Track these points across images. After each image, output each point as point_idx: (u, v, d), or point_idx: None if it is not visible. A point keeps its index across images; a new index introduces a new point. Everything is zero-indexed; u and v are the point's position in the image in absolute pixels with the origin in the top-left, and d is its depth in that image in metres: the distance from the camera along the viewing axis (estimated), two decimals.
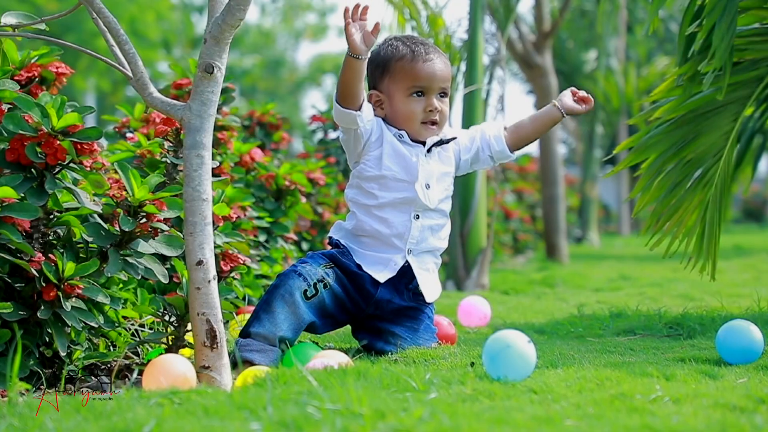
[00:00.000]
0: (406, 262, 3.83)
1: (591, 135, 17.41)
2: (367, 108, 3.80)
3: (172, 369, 3.01)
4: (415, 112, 3.86)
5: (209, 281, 3.09)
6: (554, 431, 2.33)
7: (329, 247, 3.95)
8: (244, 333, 3.58)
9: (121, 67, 3.23)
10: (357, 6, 3.64)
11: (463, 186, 7.57)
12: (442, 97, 3.91)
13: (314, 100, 43.59)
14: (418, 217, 3.84)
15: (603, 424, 2.39)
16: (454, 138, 3.97)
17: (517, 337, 3.03)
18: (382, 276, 3.80)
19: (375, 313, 3.84)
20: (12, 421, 2.40)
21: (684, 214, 4.95)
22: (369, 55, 3.70)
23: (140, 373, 3.37)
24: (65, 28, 25.16)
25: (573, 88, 4.06)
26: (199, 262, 3.08)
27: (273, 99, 32.36)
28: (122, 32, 3.20)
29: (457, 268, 7.57)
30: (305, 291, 3.65)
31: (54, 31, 24.23)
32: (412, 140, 3.87)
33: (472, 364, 3.36)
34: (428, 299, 3.88)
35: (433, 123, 3.89)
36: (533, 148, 15.35)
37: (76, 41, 23.96)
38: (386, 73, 3.89)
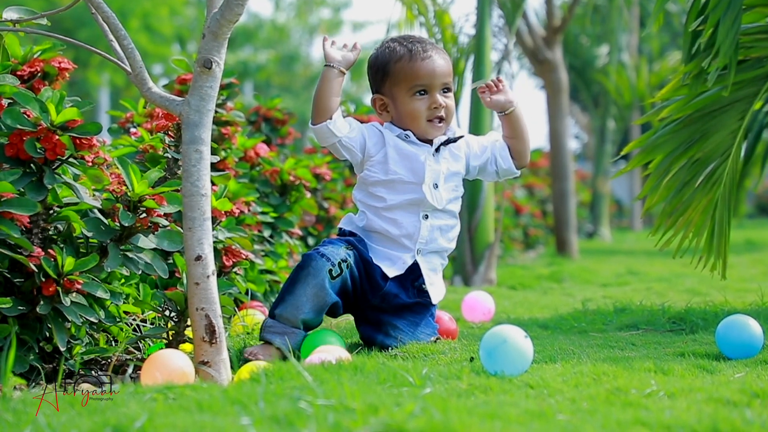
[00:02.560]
0: (415, 261, 3.84)
1: (603, 130, 17.36)
2: (342, 120, 3.81)
3: (170, 364, 3.01)
4: (420, 111, 3.85)
5: (208, 276, 3.09)
6: (546, 426, 2.33)
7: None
8: (271, 313, 3.65)
9: (120, 63, 3.24)
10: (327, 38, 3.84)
11: (471, 182, 7.56)
12: (445, 92, 3.90)
13: None
14: (427, 217, 3.84)
15: (595, 419, 2.39)
16: (461, 137, 3.95)
17: (514, 333, 3.03)
18: (391, 271, 3.82)
19: (380, 305, 3.84)
20: (5, 416, 2.40)
21: (693, 213, 4.94)
22: (345, 70, 3.80)
23: (137, 368, 3.38)
24: (79, 23, 25.15)
25: (481, 87, 4.02)
26: (198, 258, 3.08)
27: (287, 94, 32.35)
28: (121, 27, 3.20)
29: (465, 264, 7.56)
30: (330, 270, 3.65)
31: (67, 26, 24.26)
32: (419, 140, 3.87)
33: (472, 359, 3.36)
34: (434, 300, 3.89)
35: (441, 119, 3.88)
36: (544, 143, 15.32)
37: (88, 36, 24.00)
38: (386, 76, 3.89)
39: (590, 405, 2.57)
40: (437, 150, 3.87)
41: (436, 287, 3.91)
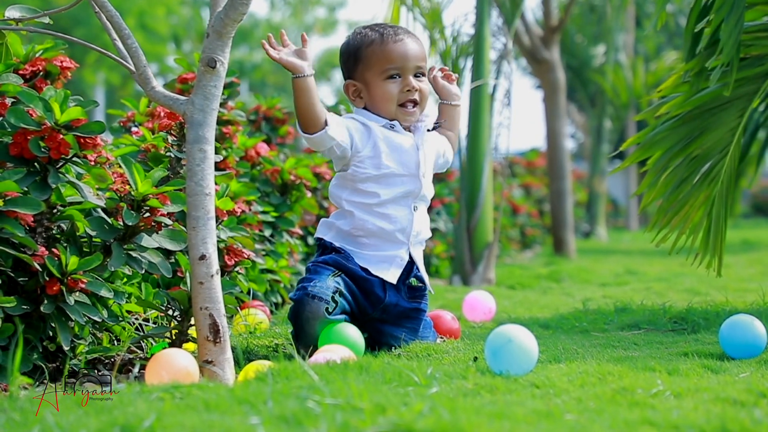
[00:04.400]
0: (410, 254, 3.81)
1: (599, 130, 17.38)
2: (335, 122, 3.69)
3: (175, 363, 3.00)
4: (393, 94, 3.79)
5: (212, 276, 3.09)
6: (554, 426, 2.33)
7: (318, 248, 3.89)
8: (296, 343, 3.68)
9: (123, 62, 3.23)
10: (270, 37, 3.63)
11: (470, 181, 7.57)
12: (418, 77, 3.85)
13: (323, 95, 43.58)
14: (416, 208, 3.81)
15: (603, 419, 2.40)
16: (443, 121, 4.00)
17: (519, 332, 3.03)
18: (391, 275, 3.76)
19: (381, 317, 3.81)
20: (13, 415, 2.40)
21: (690, 210, 4.94)
22: (312, 70, 3.64)
23: (142, 367, 3.38)
24: (75, 22, 25.12)
25: (436, 72, 4.06)
26: (202, 257, 3.08)
27: (282, 93, 32.31)
28: (125, 26, 3.20)
29: (464, 263, 7.56)
30: (326, 309, 3.59)
31: (63, 24, 24.22)
32: (404, 128, 3.83)
33: (475, 358, 3.36)
34: (430, 287, 3.88)
35: (414, 104, 3.83)
36: (541, 143, 15.33)
37: (85, 35, 23.96)
38: (359, 61, 3.83)
39: (597, 405, 2.57)
40: (423, 136, 3.85)
41: (425, 276, 3.89)
